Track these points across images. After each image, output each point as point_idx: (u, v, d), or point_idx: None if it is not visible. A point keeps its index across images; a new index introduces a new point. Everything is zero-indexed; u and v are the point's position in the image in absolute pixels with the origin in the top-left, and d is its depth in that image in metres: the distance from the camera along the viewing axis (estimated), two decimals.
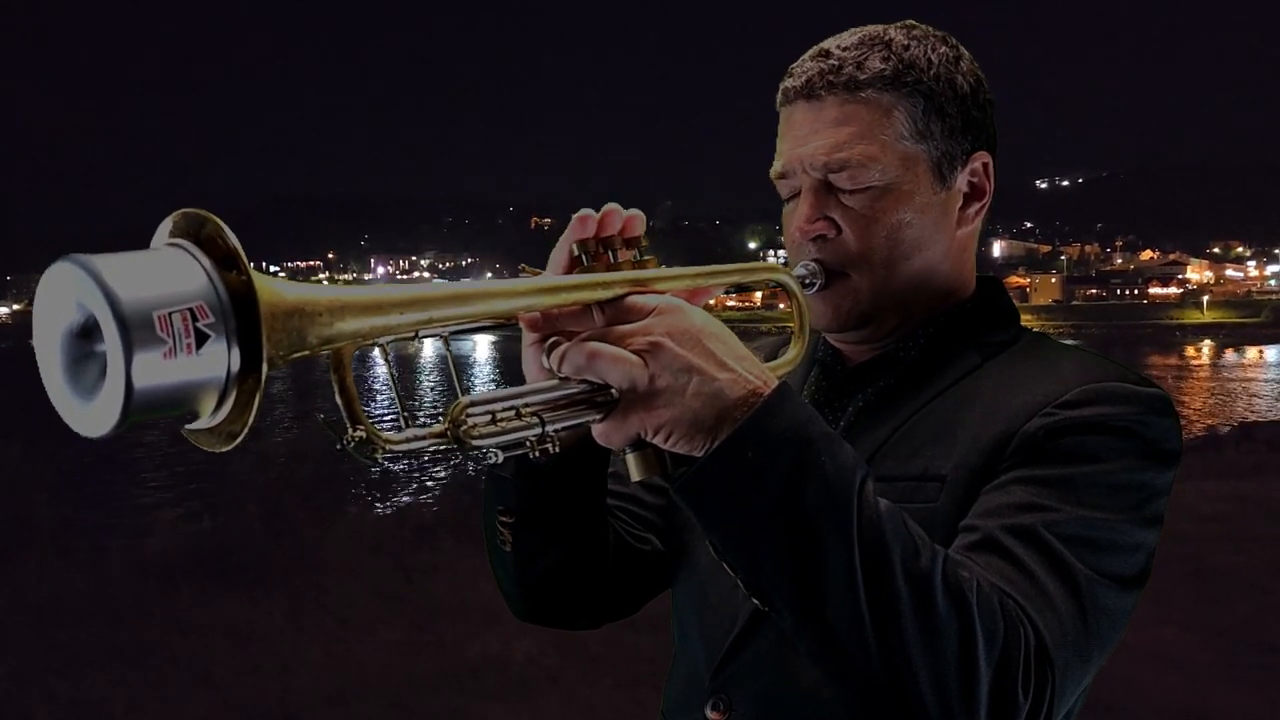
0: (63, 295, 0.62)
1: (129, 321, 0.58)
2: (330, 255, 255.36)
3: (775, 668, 1.10)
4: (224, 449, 0.67)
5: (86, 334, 0.62)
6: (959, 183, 1.17)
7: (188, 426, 0.68)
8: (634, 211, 0.97)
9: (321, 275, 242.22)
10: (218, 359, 0.62)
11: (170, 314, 0.59)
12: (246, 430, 0.66)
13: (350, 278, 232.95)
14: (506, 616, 1.29)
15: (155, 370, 0.59)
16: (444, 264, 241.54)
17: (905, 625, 0.82)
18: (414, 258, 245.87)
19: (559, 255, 0.97)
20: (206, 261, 0.63)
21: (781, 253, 1.29)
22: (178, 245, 0.64)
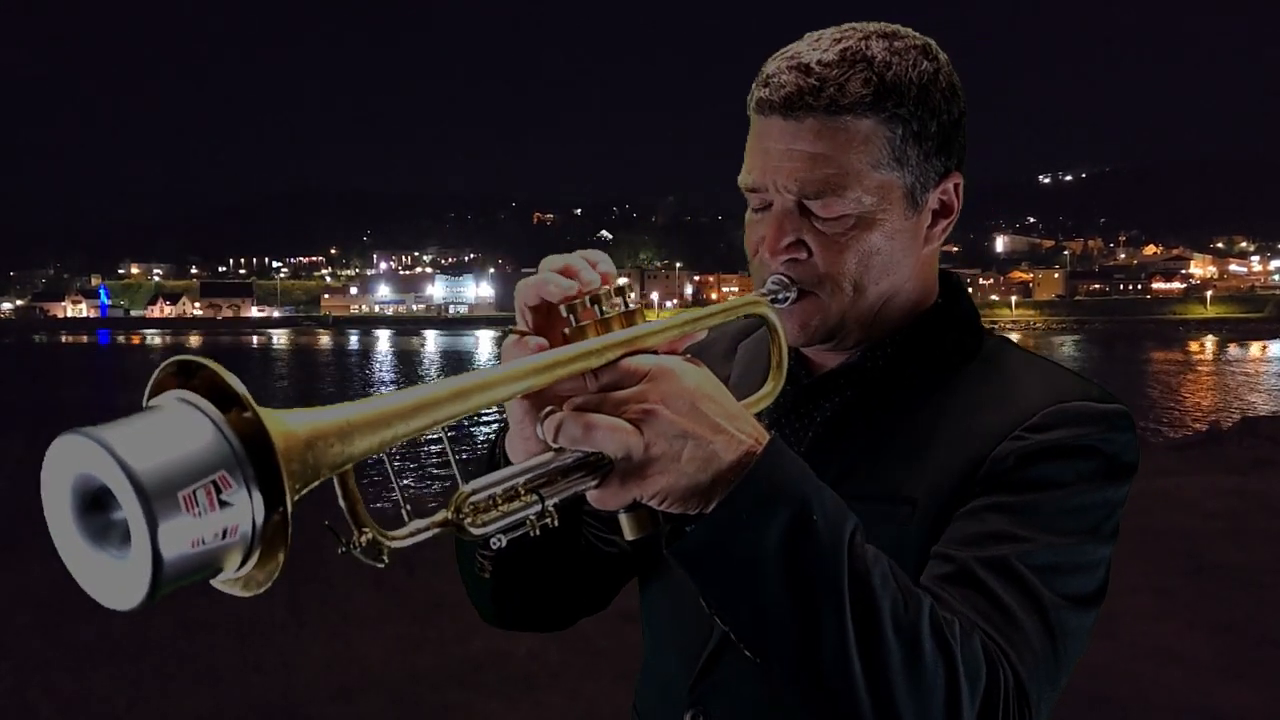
0: (73, 465, 0.61)
1: (155, 507, 0.57)
2: (333, 251, 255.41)
3: (754, 682, 1.10)
4: (251, 594, 0.66)
5: (100, 503, 0.61)
6: (930, 202, 1.17)
7: (212, 581, 0.66)
8: (600, 259, 0.96)
9: (324, 270, 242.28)
10: (242, 514, 0.61)
11: (195, 491, 0.59)
12: (276, 576, 0.65)
13: (353, 272, 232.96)
14: None
15: (180, 540, 0.58)
16: (446, 259, 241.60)
17: (895, 678, 0.86)
18: (416, 253, 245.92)
19: (528, 299, 0.95)
20: (216, 415, 0.62)
21: None
22: (184, 401, 0.63)
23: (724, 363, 1.34)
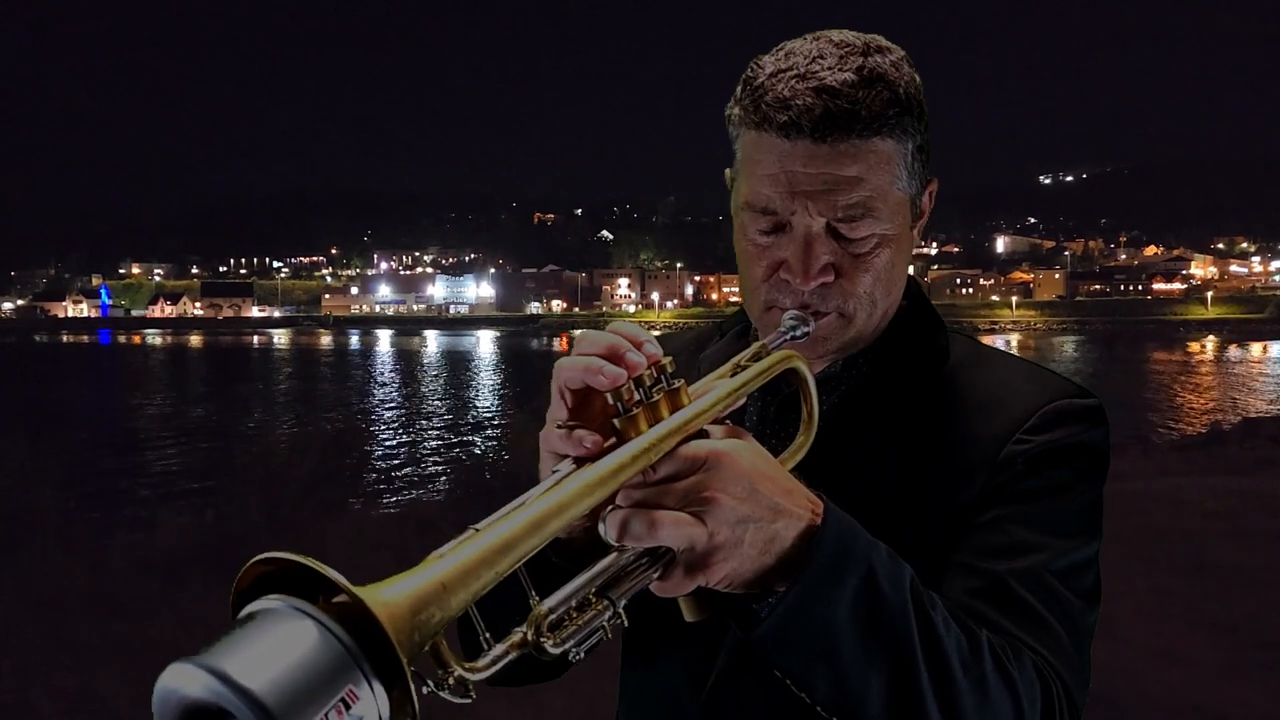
0: (188, 692, 0.58)
1: None
2: (333, 251, 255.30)
3: (773, 698, 1.07)
4: None
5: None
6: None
7: None
8: (644, 339, 0.91)
9: (324, 270, 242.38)
10: (369, 716, 0.59)
11: (327, 714, 0.57)
12: None
13: (354, 272, 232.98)
14: None
15: None
16: (446, 259, 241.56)
17: (969, 717, 0.90)
18: (417, 253, 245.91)
19: (571, 382, 0.91)
20: (325, 618, 0.59)
21: None
22: (292, 608, 0.61)
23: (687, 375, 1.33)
